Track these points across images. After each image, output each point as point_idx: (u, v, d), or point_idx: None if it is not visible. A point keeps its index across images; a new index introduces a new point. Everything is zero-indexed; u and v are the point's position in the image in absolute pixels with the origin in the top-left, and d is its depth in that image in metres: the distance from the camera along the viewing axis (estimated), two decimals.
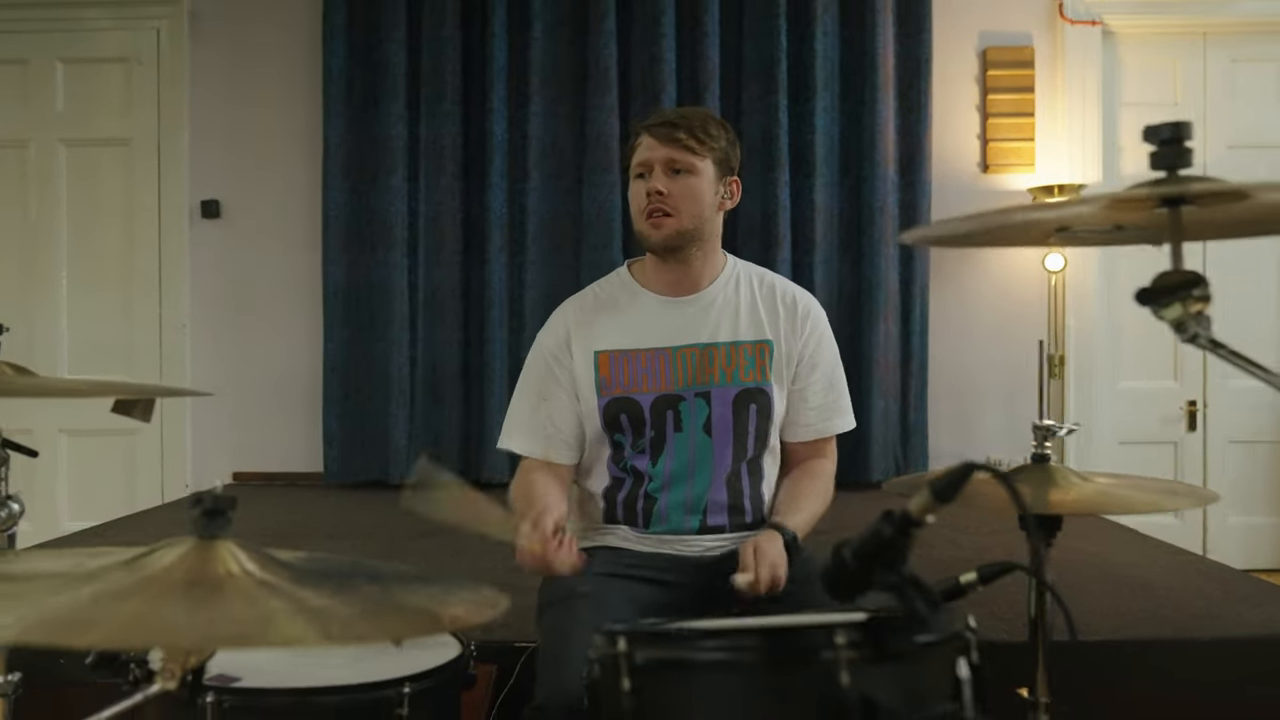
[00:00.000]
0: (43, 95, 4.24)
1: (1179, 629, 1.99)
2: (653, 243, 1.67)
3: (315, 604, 0.72)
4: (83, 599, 0.68)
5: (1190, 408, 4.21)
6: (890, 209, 3.96)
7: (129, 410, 1.13)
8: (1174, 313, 0.76)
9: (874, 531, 0.75)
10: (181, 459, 4.20)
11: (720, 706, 0.75)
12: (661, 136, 1.65)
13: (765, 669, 0.76)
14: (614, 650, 0.78)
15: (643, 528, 1.67)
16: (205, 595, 0.71)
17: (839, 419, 1.77)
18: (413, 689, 1.08)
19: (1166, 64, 4.21)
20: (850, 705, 0.70)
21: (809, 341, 1.72)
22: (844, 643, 0.72)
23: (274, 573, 0.78)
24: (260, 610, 0.69)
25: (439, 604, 0.78)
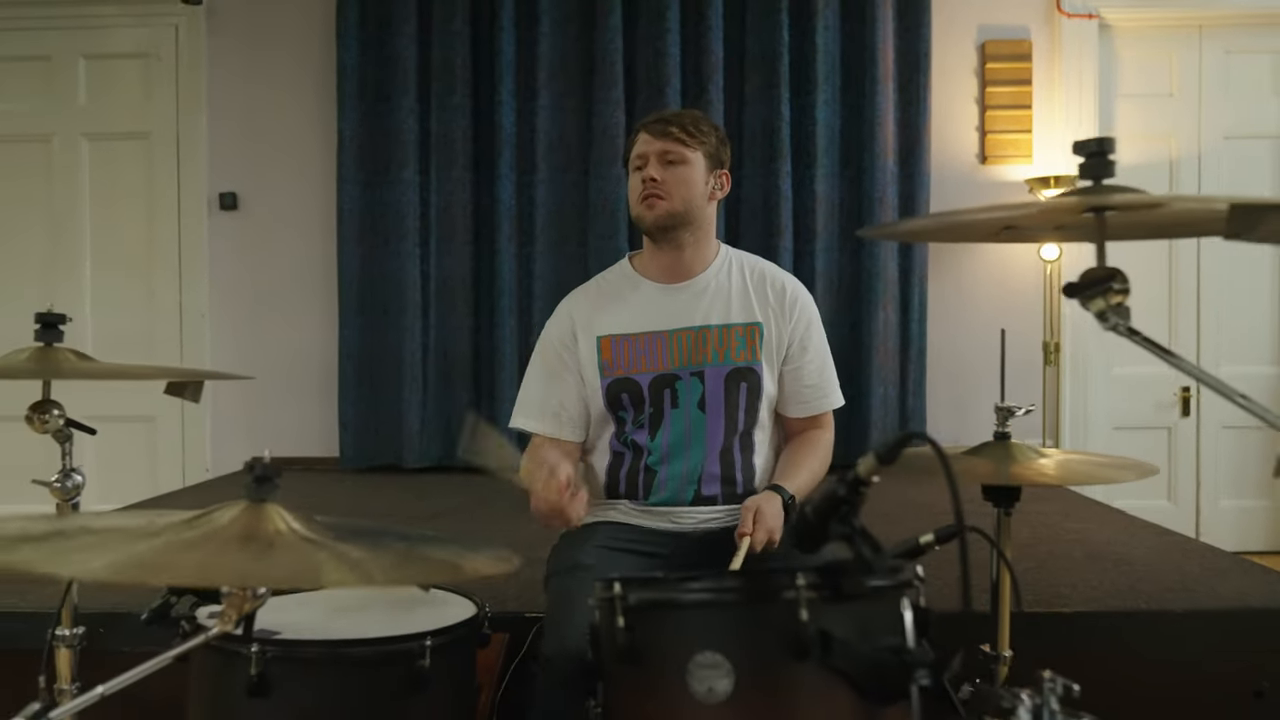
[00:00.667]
0: (65, 90, 4.36)
1: (1152, 601, 2.10)
2: (647, 223, 1.81)
3: (354, 556, 0.83)
4: (157, 547, 0.80)
5: (1184, 394, 4.30)
6: (890, 199, 4.06)
7: (180, 391, 1.25)
8: (1097, 305, 0.87)
9: (830, 491, 0.86)
10: (201, 444, 4.34)
11: (700, 639, 0.87)
12: (656, 132, 1.80)
13: (738, 607, 0.89)
14: (610, 594, 0.90)
15: (642, 499, 1.80)
16: (261, 548, 0.83)
17: (832, 396, 1.91)
18: (434, 642, 1.20)
19: (1162, 56, 4.29)
20: (809, 637, 0.82)
21: (798, 326, 1.85)
22: (804, 584, 0.84)
23: (316, 531, 0.90)
24: (310, 559, 0.81)
25: (460, 558, 0.90)
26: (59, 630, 1.15)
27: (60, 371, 1.18)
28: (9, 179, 4.39)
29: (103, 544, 0.81)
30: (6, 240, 4.39)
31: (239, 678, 1.14)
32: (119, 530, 0.85)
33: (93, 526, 0.87)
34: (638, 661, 0.88)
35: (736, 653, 0.84)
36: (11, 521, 0.86)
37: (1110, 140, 0.91)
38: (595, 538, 1.72)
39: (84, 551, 0.81)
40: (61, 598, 1.13)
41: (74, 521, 0.92)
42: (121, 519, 0.92)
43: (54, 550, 0.80)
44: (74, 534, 0.86)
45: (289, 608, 1.35)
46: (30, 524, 0.89)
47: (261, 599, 0.92)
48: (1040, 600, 2.11)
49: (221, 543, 0.84)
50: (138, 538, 0.85)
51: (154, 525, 0.88)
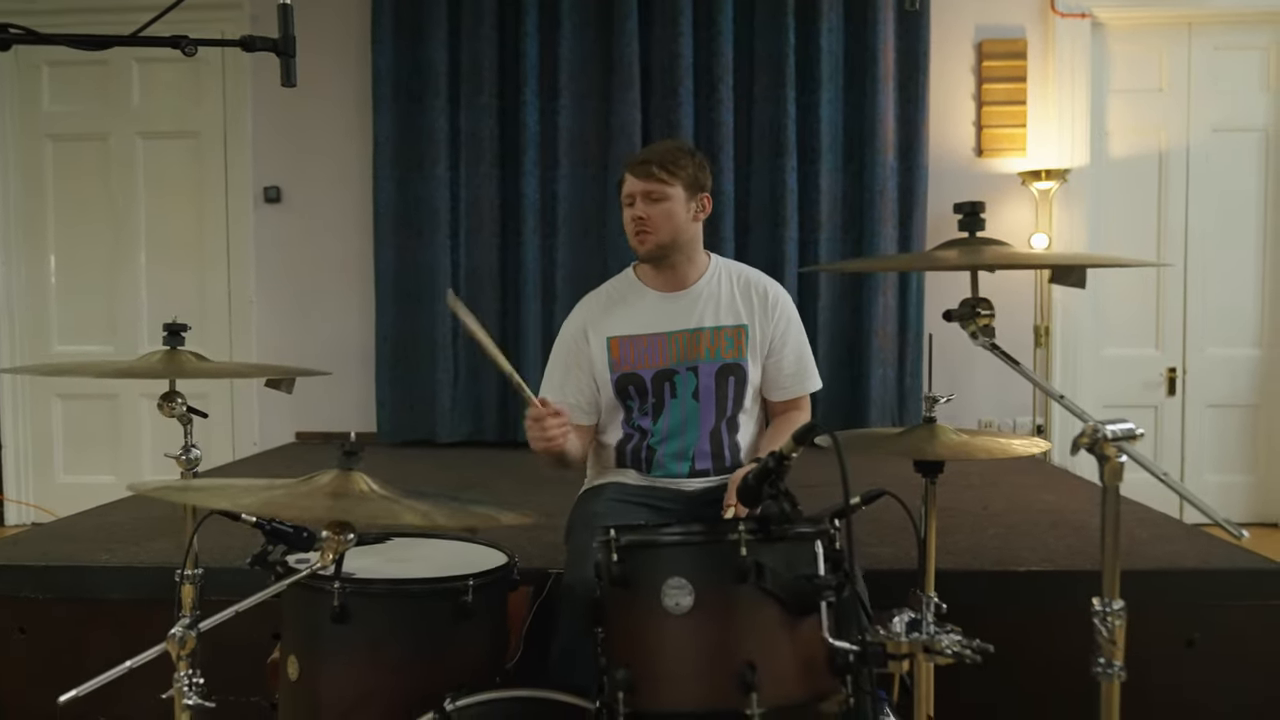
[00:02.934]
0: (120, 92, 4.70)
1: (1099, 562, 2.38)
2: (641, 255, 2.14)
3: (421, 508, 1.15)
4: (284, 495, 1.12)
5: (1170, 374, 4.55)
6: (890, 192, 4.32)
7: (277, 385, 1.57)
8: (970, 326, 1.15)
9: (763, 464, 1.18)
10: (251, 420, 4.70)
11: (670, 568, 1.19)
12: (639, 173, 2.08)
13: (698, 545, 1.20)
14: (608, 537, 1.22)
15: (645, 472, 2.13)
16: (351, 500, 1.14)
17: (808, 381, 2.22)
18: (475, 582, 1.51)
19: (1153, 53, 4.51)
20: (747, 566, 1.13)
21: (778, 325, 2.16)
22: (744, 529, 1.15)
23: (392, 493, 1.22)
24: (389, 509, 1.12)
25: (497, 514, 1.21)
26: (185, 570, 1.47)
27: (184, 371, 1.50)
28: (71, 176, 4.74)
29: (240, 493, 1.13)
30: (69, 232, 4.76)
31: (324, 608, 1.46)
32: (251, 486, 1.17)
33: (231, 485, 1.19)
34: (625, 585, 1.20)
35: (696, 577, 1.16)
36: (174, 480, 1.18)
37: (981, 204, 1.19)
38: (607, 493, 2.07)
39: (229, 496, 1.12)
40: (187, 546, 1.45)
41: (215, 482, 1.23)
42: (248, 480, 1.23)
43: (216, 493, 1.12)
44: (215, 488, 1.18)
45: (357, 556, 1.67)
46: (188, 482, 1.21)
47: (351, 542, 1.23)
48: (1001, 560, 2.41)
49: (323, 496, 1.16)
50: (264, 490, 1.16)
51: (275, 484, 1.19)
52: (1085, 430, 1.04)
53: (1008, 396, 4.46)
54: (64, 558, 2.48)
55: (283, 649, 1.57)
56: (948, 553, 2.38)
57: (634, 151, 4.26)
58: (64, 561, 2.45)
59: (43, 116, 4.74)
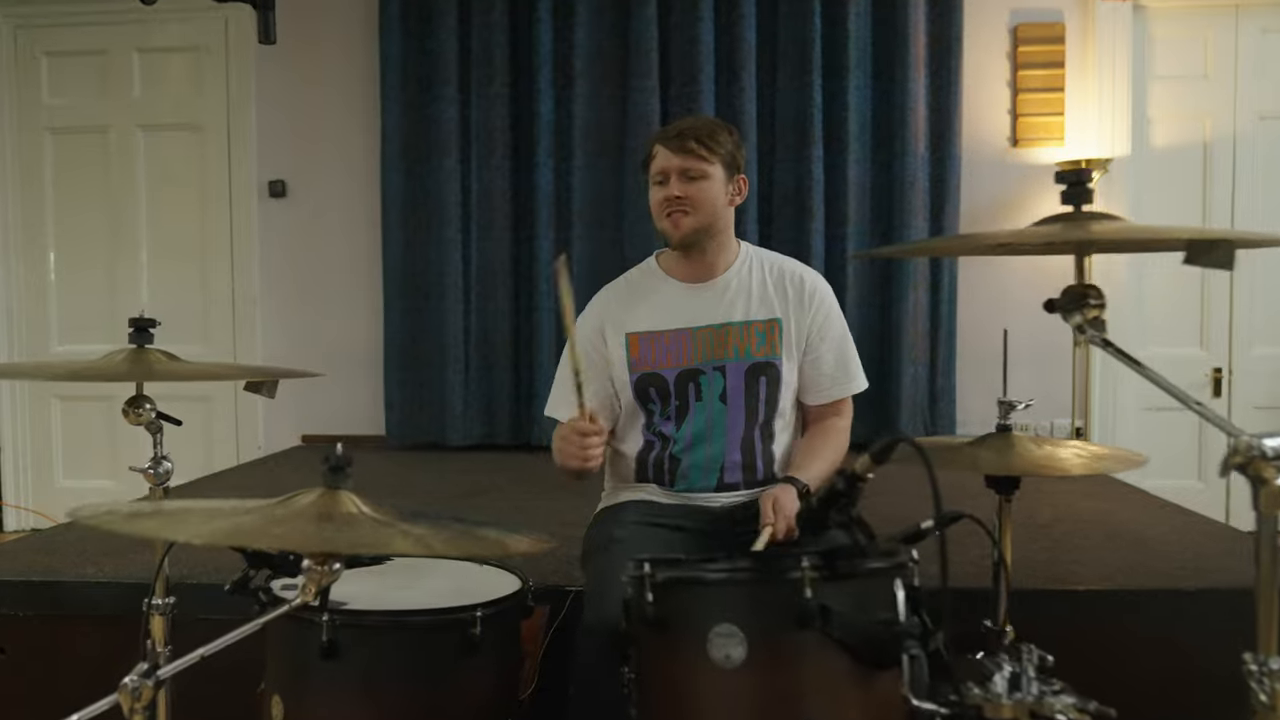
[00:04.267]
0: (121, 83, 4.54)
1: (1163, 579, 2.18)
2: (674, 239, 1.92)
3: (418, 532, 0.96)
4: (254, 520, 0.94)
5: (1215, 374, 4.33)
6: (921, 184, 4.11)
7: (259, 389, 1.39)
8: (1075, 319, 0.96)
9: (831, 485, 0.98)
10: (254, 422, 4.53)
11: (718, 612, 0.99)
12: (675, 147, 1.87)
13: (750, 585, 1.01)
14: (641, 573, 1.03)
15: (668, 485, 1.93)
16: (337, 524, 0.96)
17: (851, 382, 2.01)
18: (484, 613, 1.33)
19: (1197, 36, 4.29)
20: (812, 612, 0.94)
21: (816, 317, 1.95)
22: (808, 565, 0.95)
23: (384, 514, 1.03)
24: (379, 534, 0.94)
25: (506, 537, 1.03)
26: (154, 599, 1.30)
27: (152, 373, 1.32)
28: (70, 169, 4.59)
29: (210, 518, 0.95)
30: (68, 227, 4.60)
31: (311, 642, 1.28)
32: (219, 510, 0.99)
33: (195, 508, 1.01)
34: (663, 631, 1.01)
35: (750, 623, 0.97)
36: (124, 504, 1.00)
37: (1089, 171, 1.00)
38: (628, 514, 1.85)
39: (193, 522, 0.94)
40: (156, 569, 1.28)
41: (178, 504, 1.05)
42: (218, 502, 1.05)
43: (171, 521, 0.94)
44: (179, 512, 1.00)
45: (352, 581, 1.49)
46: (141, 505, 1.03)
47: (337, 573, 1.05)
48: (1053, 578, 2.20)
49: (305, 520, 0.97)
50: (233, 515, 0.98)
51: (247, 505, 1.01)
52: (1237, 447, 0.84)
53: (1045, 396, 4.24)
54: (45, 571, 2.31)
55: (266, 686, 1.39)
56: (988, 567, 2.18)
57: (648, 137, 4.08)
58: (45, 576, 2.28)
59: (42, 109, 4.59)
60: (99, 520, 0.89)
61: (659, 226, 1.94)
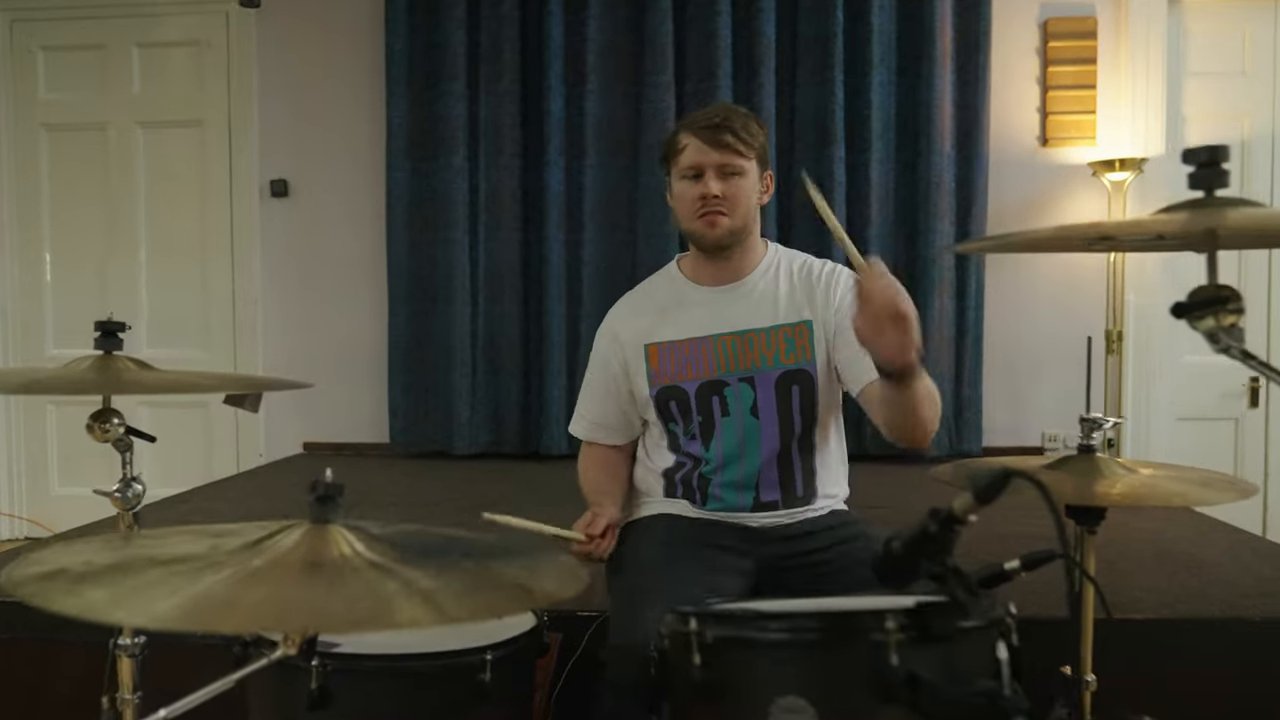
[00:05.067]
0: (120, 79, 4.41)
1: (1226, 607, 2.02)
2: (709, 241, 1.75)
3: (425, 585, 0.81)
4: (224, 582, 0.78)
5: (1253, 383, 4.16)
6: (947, 184, 3.96)
7: (240, 403, 1.24)
8: (1207, 325, 0.81)
9: (921, 527, 0.82)
10: (255, 429, 4.38)
11: (780, 681, 0.83)
12: (710, 140, 1.70)
13: (822, 648, 0.85)
14: (685, 629, 0.87)
15: (700, 504, 1.77)
16: (327, 578, 0.81)
17: None
18: (494, 656, 1.18)
19: (1235, 32, 4.12)
20: (898, 682, 0.78)
21: (842, 302, 1.73)
22: (893, 626, 0.80)
23: (382, 553, 0.88)
24: (379, 593, 0.78)
25: (531, 578, 0.87)
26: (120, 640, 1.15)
27: (120, 385, 1.17)
28: (66, 166, 4.45)
29: (167, 580, 0.80)
30: (65, 226, 4.47)
31: (299, 691, 1.12)
32: (185, 559, 0.84)
33: (159, 556, 0.85)
34: (714, 700, 0.85)
35: (820, 695, 0.81)
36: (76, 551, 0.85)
37: (1224, 149, 0.85)
38: (656, 534, 1.70)
39: (152, 590, 0.79)
40: None
41: (139, 549, 0.90)
42: (185, 543, 0.90)
43: (123, 592, 0.78)
44: (140, 566, 0.84)
45: None
46: (96, 554, 0.88)
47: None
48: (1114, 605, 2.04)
49: (287, 573, 0.82)
50: (203, 569, 0.83)
51: (219, 551, 0.86)
52: None
53: (1074, 406, 4.08)
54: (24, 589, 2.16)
55: None
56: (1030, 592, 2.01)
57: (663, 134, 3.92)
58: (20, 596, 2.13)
59: (38, 105, 4.45)
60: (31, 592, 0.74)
61: (688, 227, 1.77)
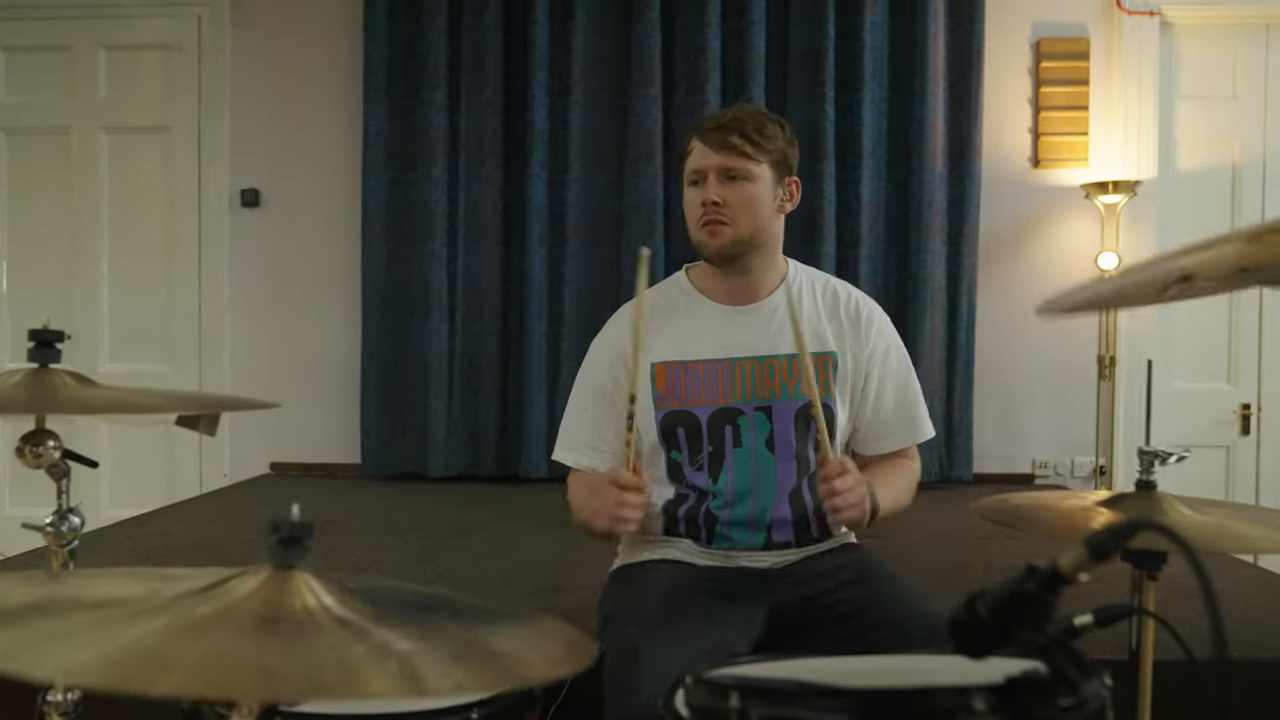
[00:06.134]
0: (85, 82, 4.23)
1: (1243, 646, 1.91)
2: (710, 252, 1.62)
3: (401, 648, 0.67)
4: (159, 632, 0.64)
5: (1244, 411, 4.10)
6: (938, 203, 3.87)
7: (193, 425, 1.10)
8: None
9: (1016, 586, 0.69)
10: (220, 448, 4.21)
11: None
12: (714, 142, 1.58)
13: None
14: (725, 705, 0.73)
15: (705, 544, 1.63)
16: (285, 634, 0.67)
17: (917, 428, 1.73)
18: (480, 714, 1.04)
19: (1226, 56, 4.09)
20: None
21: (875, 352, 1.67)
22: (984, 709, 0.67)
23: (353, 609, 0.74)
24: (346, 656, 0.65)
25: (527, 649, 0.74)
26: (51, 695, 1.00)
27: (55, 403, 1.02)
28: (27, 173, 4.27)
29: (95, 625, 0.66)
30: (24, 235, 4.28)
31: None
32: (116, 603, 0.70)
33: (86, 597, 0.71)
34: None
35: None
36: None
37: None
38: (656, 579, 1.55)
39: (69, 638, 0.65)
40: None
41: (65, 588, 0.76)
42: (121, 585, 0.76)
43: (32, 637, 0.64)
44: (61, 608, 0.70)
45: None
46: (12, 590, 0.73)
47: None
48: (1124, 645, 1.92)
49: (238, 626, 0.68)
50: (138, 615, 0.69)
51: (158, 596, 0.72)
52: None
53: (1067, 433, 4.01)
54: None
55: None
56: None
57: (653, 151, 3.82)
58: None
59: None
60: None
61: (693, 237, 1.64)
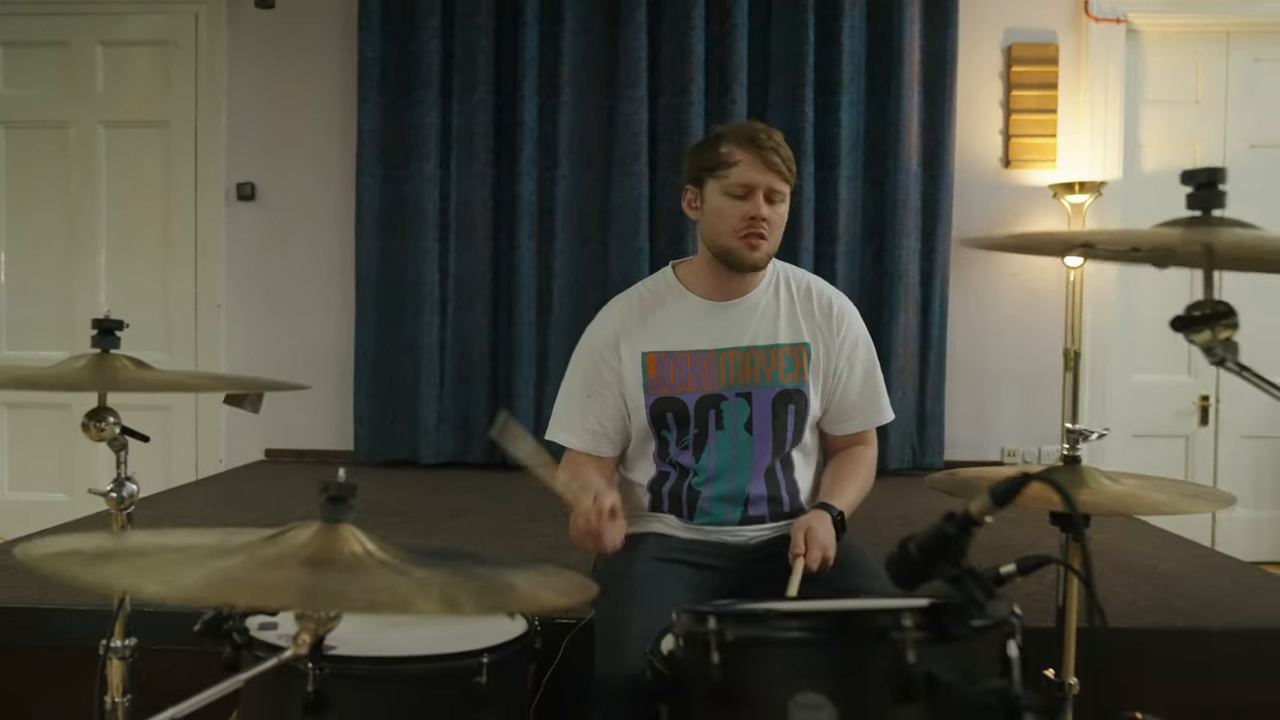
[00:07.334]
0: (83, 77, 4.33)
1: (1188, 618, 2.08)
2: (747, 263, 1.75)
3: (438, 581, 0.81)
4: (244, 564, 0.78)
5: (1203, 402, 4.28)
6: (913, 203, 4.03)
7: (240, 403, 1.23)
8: (1204, 338, 0.84)
9: (938, 529, 0.84)
10: (215, 435, 4.32)
11: (799, 679, 0.85)
12: (767, 162, 1.70)
13: (840, 646, 0.87)
14: (704, 628, 0.88)
15: (687, 519, 1.78)
16: (343, 570, 0.81)
17: (878, 413, 1.89)
18: (491, 659, 1.18)
19: (1189, 62, 4.26)
20: (915, 679, 0.80)
21: (845, 343, 1.83)
22: (910, 625, 0.82)
23: (394, 555, 0.88)
24: (395, 585, 0.79)
25: (541, 585, 0.88)
26: (112, 642, 1.13)
27: (118, 383, 1.16)
28: (26, 166, 4.36)
29: (183, 561, 0.80)
30: (23, 227, 4.37)
31: (294, 694, 1.11)
32: (196, 548, 0.83)
33: (170, 544, 0.85)
34: (732, 699, 0.86)
35: (839, 692, 0.83)
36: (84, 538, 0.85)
37: (1222, 171, 0.89)
38: (643, 550, 1.70)
39: (164, 569, 0.79)
40: (115, 609, 1.11)
41: (147, 538, 0.90)
42: (192, 537, 0.90)
43: (134, 568, 0.78)
44: (152, 551, 0.84)
45: None
46: (104, 541, 0.87)
47: (336, 620, 0.90)
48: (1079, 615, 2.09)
49: (302, 563, 0.82)
50: (217, 555, 0.83)
51: (231, 543, 0.86)
52: None
53: (1034, 423, 4.18)
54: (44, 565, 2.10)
55: None
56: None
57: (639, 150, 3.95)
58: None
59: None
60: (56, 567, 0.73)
61: (726, 244, 1.75)
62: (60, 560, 0.76)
